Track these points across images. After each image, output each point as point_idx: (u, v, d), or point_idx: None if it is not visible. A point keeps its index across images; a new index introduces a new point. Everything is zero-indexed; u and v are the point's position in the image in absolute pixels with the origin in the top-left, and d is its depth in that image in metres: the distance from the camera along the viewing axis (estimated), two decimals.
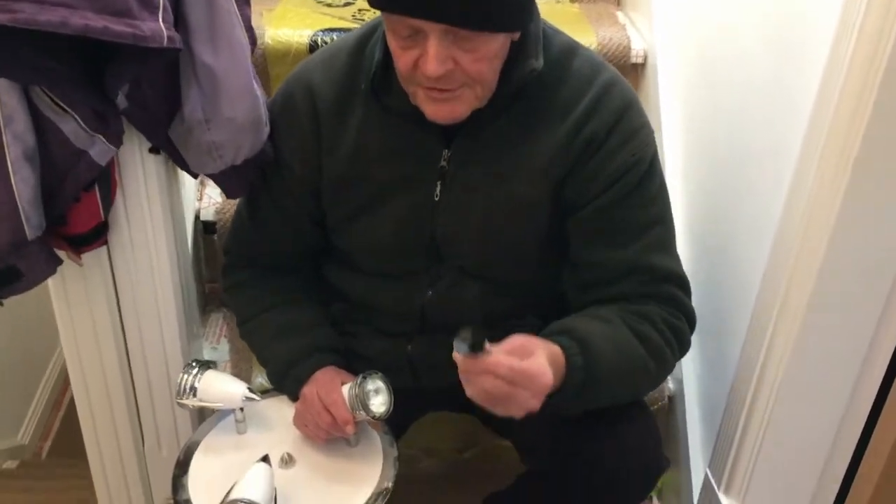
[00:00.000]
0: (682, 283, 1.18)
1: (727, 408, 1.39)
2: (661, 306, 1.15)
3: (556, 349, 1.07)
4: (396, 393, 1.21)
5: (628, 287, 1.16)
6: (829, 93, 1.09)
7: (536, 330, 1.31)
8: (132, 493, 1.61)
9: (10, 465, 2.67)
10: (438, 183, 1.18)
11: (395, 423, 1.31)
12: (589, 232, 1.18)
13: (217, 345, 1.67)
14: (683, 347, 1.18)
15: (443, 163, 1.17)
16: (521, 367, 0.97)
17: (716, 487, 1.42)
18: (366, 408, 1.17)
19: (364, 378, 1.18)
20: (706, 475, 1.46)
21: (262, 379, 1.61)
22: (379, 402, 1.19)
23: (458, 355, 0.97)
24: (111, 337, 1.45)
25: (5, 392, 2.63)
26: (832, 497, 1.41)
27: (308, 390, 1.21)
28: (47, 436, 2.91)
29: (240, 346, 1.65)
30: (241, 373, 1.61)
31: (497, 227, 1.19)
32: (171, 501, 1.59)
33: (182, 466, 1.24)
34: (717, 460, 1.42)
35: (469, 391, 0.99)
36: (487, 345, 0.97)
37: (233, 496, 1.08)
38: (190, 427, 1.56)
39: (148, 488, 1.62)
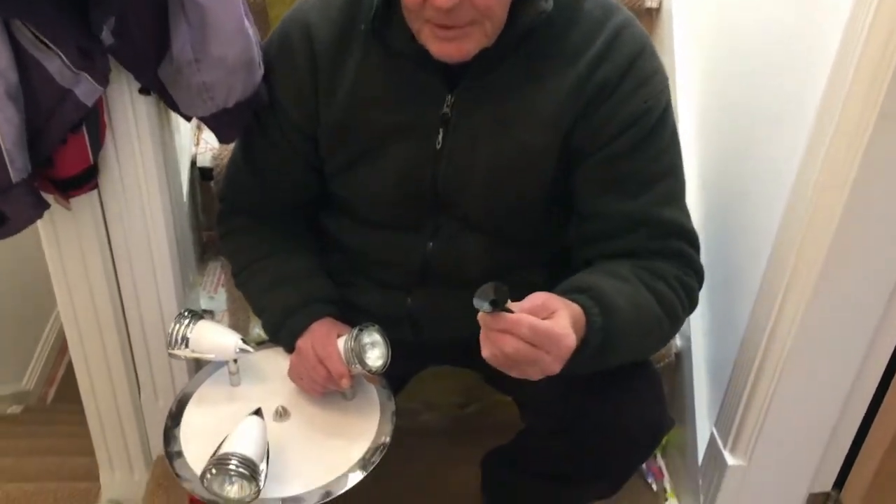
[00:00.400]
0: (692, 239, 1.14)
1: (736, 366, 1.35)
2: (671, 262, 1.11)
3: (577, 309, 1.01)
4: (395, 346, 1.17)
5: (636, 241, 1.11)
6: (853, 39, 1.02)
7: (540, 285, 1.28)
8: (129, 443, 1.59)
9: (15, 410, 2.68)
10: (441, 130, 1.13)
11: (394, 377, 1.28)
12: (596, 182, 1.13)
13: (214, 294, 1.64)
14: (693, 305, 1.13)
15: (445, 108, 1.12)
16: (544, 327, 0.91)
17: (721, 446, 1.39)
18: (362, 361, 1.13)
19: (360, 330, 1.15)
20: (712, 434, 1.42)
21: (259, 330, 1.57)
22: (375, 356, 1.15)
23: (481, 313, 0.91)
24: (104, 285, 1.41)
25: (9, 337, 2.63)
26: (841, 457, 1.38)
27: (303, 343, 1.18)
28: (52, 382, 2.91)
29: (237, 295, 1.61)
30: (238, 323, 1.58)
31: (502, 176, 1.15)
32: None
33: (174, 418, 1.21)
34: (723, 419, 1.39)
35: (486, 352, 0.94)
36: (510, 302, 0.91)
37: (224, 450, 1.05)
38: (187, 378, 1.53)
39: (145, 438, 1.60)
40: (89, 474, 1.81)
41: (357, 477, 1.12)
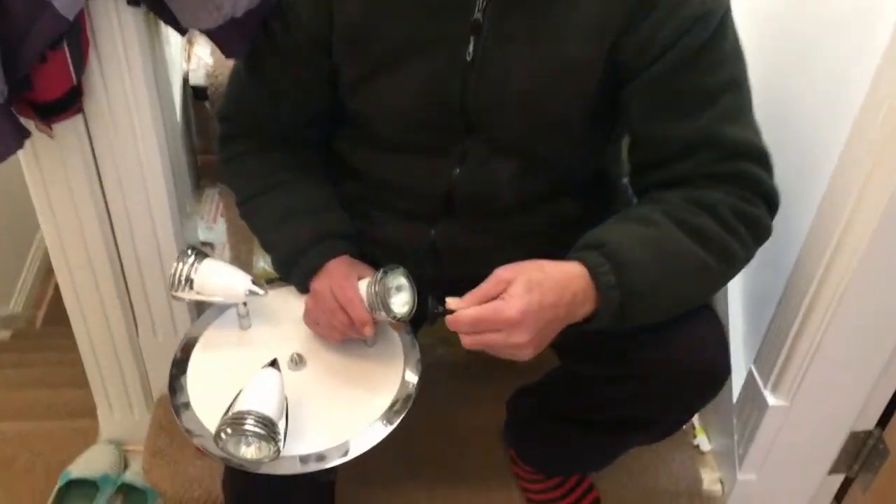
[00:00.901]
0: (761, 158, 1.01)
1: (783, 301, 1.26)
2: (730, 188, 0.99)
3: (579, 271, 0.93)
4: (416, 282, 1.07)
5: (694, 166, 1.00)
6: None
7: (575, 217, 1.17)
8: (128, 382, 1.50)
9: (4, 335, 2.58)
10: (471, 39, 1.00)
11: (414, 315, 1.18)
12: (648, 102, 1.01)
13: (213, 224, 1.52)
14: (760, 235, 1.02)
15: (477, 14, 0.98)
16: (475, 314, 0.91)
17: (761, 386, 1.31)
18: (386, 307, 1.02)
19: (384, 273, 1.04)
20: (750, 372, 1.34)
21: (264, 263, 1.47)
22: (401, 302, 1.04)
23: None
24: (94, 218, 1.29)
25: None
26: (888, 395, 1.31)
27: (320, 285, 1.07)
28: (40, 304, 2.81)
29: (239, 225, 1.50)
30: (240, 256, 1.47)
31: (539, 93, 1.02)
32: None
33: (180, 365, 1.11)
34: (764, 358, 1.30)
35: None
36: (449, 301, 0.95)
37: (238, 407, 0.95)
38: (187, 312, 1.43)
39: (145, 377, 1.51)
40: (85, 408, 1.73)
41: (382, 431, 1.03)
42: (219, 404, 1.03)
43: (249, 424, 0.93)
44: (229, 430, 0.94)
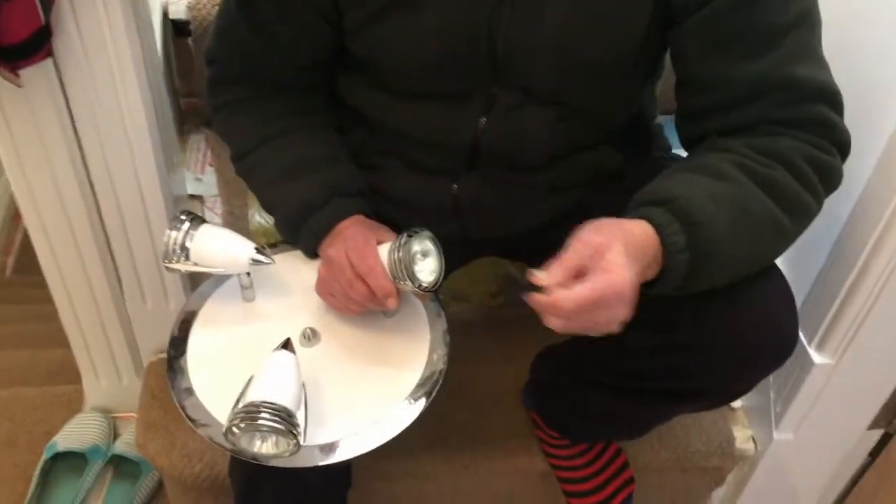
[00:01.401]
0: (834, 99, 0.89)
1: (833, 254, 1.16)
2: (801, 134, 0.87)
3: (647, 230, 0.81)
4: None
5: (760, 110, 0.88)
6: None
7: (613, 169, 1.06)
8: (115, 349, 1.39)
9: None
10: None
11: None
12: (707, 42, 0.88)
13: (201, 175, 1.38)
14: (832, 185, 0.90)
15: None
16: (584, 297, 0.76)
17: (806, 343, 1.22)
18: (411, 276, 0.91)
19: (409, 238, 0.92)
20: None
21: (261, 218, 1.34)
22: (428, 269, 0.93)
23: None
24: (70, 173, 1.16)
25: None
26: None
27: (335, 252, 0.95)
28: (9, 250, 2.65)
29: (230, 176, 1.37)
30: (233, 210, 1.34)
31: (580, 36, 0.90)
32: (162, 358, 1.38)
33: (178, 345, 0.99)
34: (810, 315, 1.21)
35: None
36: (537, 275, 0.79)
37: (251, 398, 0.84)
38: (179, 276, 1.31)
39: (133, 343, 1.39)
40: (67, 371, 1.62)
41: (410, 414, 0.93)
42: (225, 389, 0.92)
43: (265, 418, 0.82)
44: (242, 425, 0.83)
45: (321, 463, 0.89)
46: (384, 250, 0.93)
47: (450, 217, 1.06)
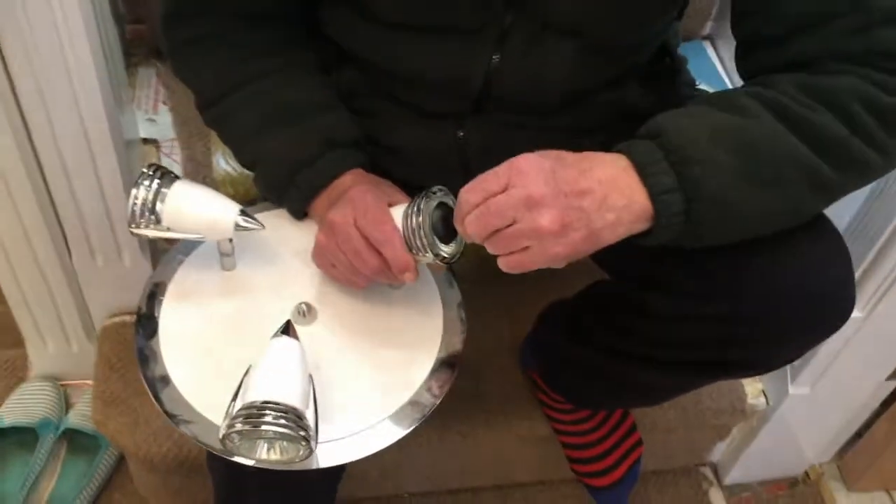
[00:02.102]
0: None
1: (867, 206, 1.06)
2: (870, 71, 0.74)
3: (622, 164, 0.70)
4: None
5: (823, 40, 0.74)
6: None
7: (640, 106, 0.93)
8: (63, 312, 1.23)
9: None
10: None
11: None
12: None
13: (155, 115, 1.20)
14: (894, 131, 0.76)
15: None
16: (475, 197, 0.71)
17: None
18: (431, 246, 0.77)
19: (426, 199, 0.78)
20: None
21: (227, 164, 1.18)
22: (452, 238, 0.79)
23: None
24: (2, 117, 0.98)
25: None
26: None
27: (339, 217, 0.80)
28: None
29: (188, 115, 1.20)
30: (195, 156, 1.17)
31: None
32: (117, 321, 1.23)
33: (146, 324, 0.84)
34: None
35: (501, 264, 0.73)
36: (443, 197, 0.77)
37: (251, 397, 0.70)
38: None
39: (83, 304, 1.23)
40: (7, 330, 1.44)
41: (425, 404, 0.80)
42: (209, 377, 0.80)
43: (270, 422, 0.69)
44: (243, 430, 0.69)
45: (325, 465, 0.77)
46: (397, 214, 0.79)
47: (455, 167, 0.92)
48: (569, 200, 0.69)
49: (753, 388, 1.28)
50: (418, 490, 1.33)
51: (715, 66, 1.45)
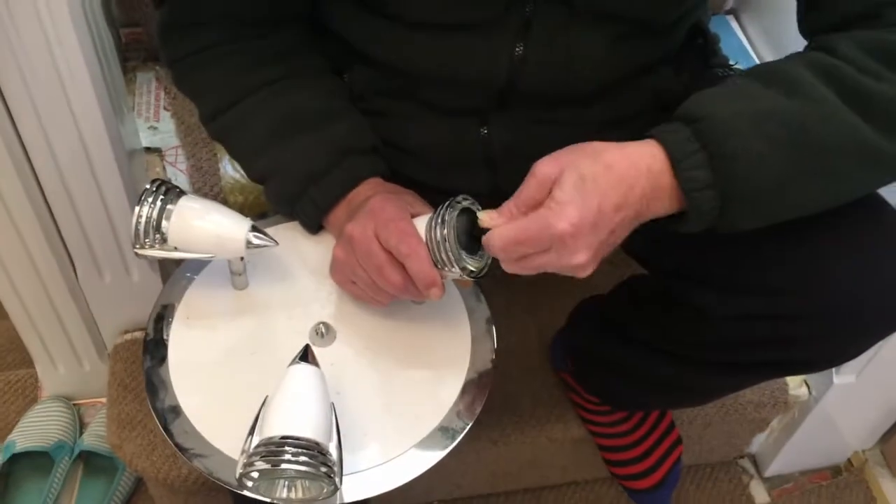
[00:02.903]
0: None
1: None
2: None
3: (639, 158, 0.66)
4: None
5: None
6: None
7: (677, 90, 0.86)
8: (71, 333, 1.19)
9: None
10: None
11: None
12: None
13: (157, 123, 1.15)
14: None
15: None
16: (508, 237, 0.67)
17: None
18: (457, 260, 0.71)
19: (450, 209, 0.72)
20: None
21: (235, 171, 1.12)
22: (477, 248, 0.74)
23: None
24: None
25: None
26: None
27: (359, 230, 0.74)
28: None
29: (192, 121, 1.14)
30: (200, 164, 1.11)
31: None
32: (129, 339, 1.18)
33: (155, 350, 0.79)
34: None
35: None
36: (483, 217, 0.69)
37: (268, 432, 0.65)
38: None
39: (92, 323, 1.18)
40: (16, 348, 1.41)
41: (453, 433, 0.75)
42: (222, 407, 0.75)
43: (291, 460, 0.64)
44: (261, 468, 0.64)
45: (350, 500, 0.71)
46: (420, 226, 0.73)
47: (480, 167, 0.87)
48: (611, 238, 0.66)
49: (795, 379, 1.23)
50: (448, 497, 1.28)
51: (741, 42, 1.38)
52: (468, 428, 0.75)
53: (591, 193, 0.64)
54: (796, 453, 1.32)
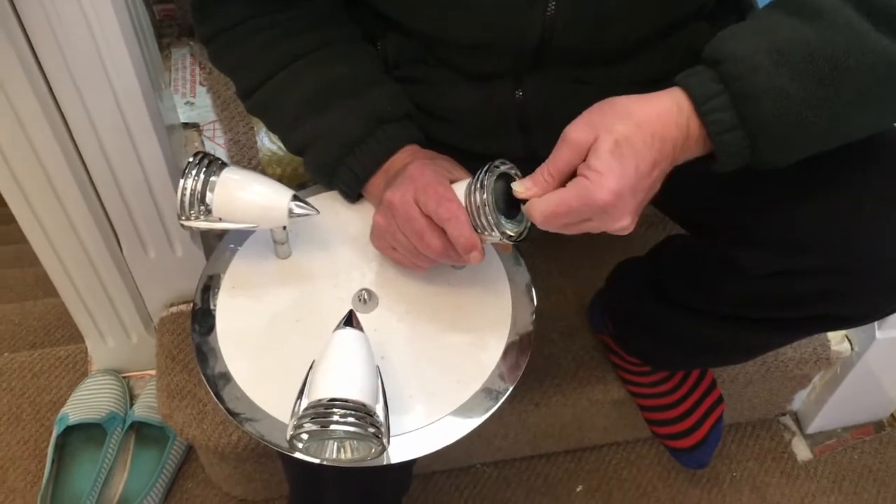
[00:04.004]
0: None
1: None
2: None
3: (670, 106, 0.66)
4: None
5: None
6: None
7: (704, 41, 0.85)
8: (119, 307, 1.21)
9: None
10: None
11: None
12: None
13: (193, 98, 1.16)
14: None
15: None
16: (550, 209, 0.68)
17: None
18: (497, 224, 0.72)
19: (489, 173, 0.72)
20: None
21: (272, 143, 1.14)
22: (518, 214, 0.74)
23: None
24: (36, 110, 0.95)
25: None
26: None
27: (399, 197, 0.75)
28: None
29: (228, 95, 1.15)
30: (238, 138, 1.13)
31: None
32: (175, 312, 1.21)
33: (203, 321, 0.81)
34: None
35: None
36: (517, 187, 0.71)
37: (317, 394, 0.67)
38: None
39: (139, 297, 1.21)
40: (65, 324, 1.45)
41: (500, 392, 0.76)
42: (271, 372, 0.76)
43: (339, 421, 0.65)
44: (311, 430, 0.66)
45: (398, 461, 0.73)
46: (460, 191, 0.74)
47: (514, 130, 0.87)
48: (649, 193, 0.67)
49: (836, 335, 1.22)
50: (491, 460, 1.30)
51: None
52: (511, 390, 0.76)
53: (627, 158, 0.64)
54: (838, 409, 1.32)
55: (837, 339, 1.22)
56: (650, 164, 0.65)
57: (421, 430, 0.74)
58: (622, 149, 0.65)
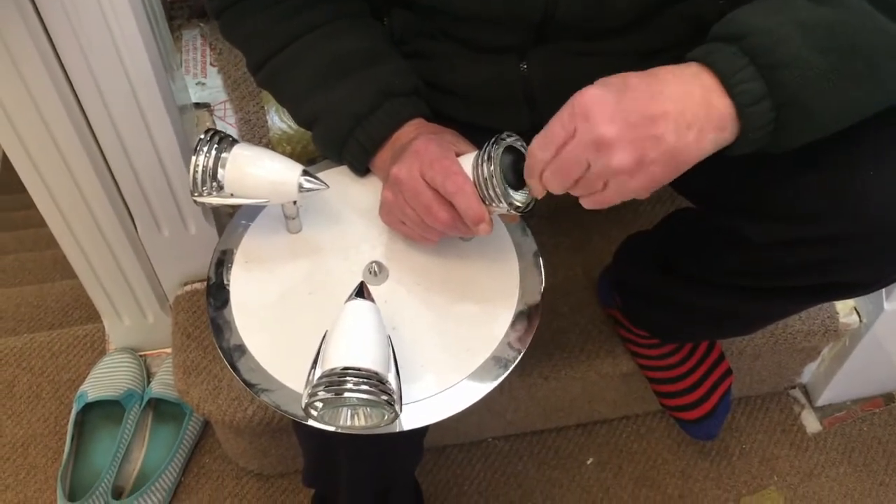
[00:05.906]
0: None
1: None
2: None
3: (703, 77, 0.65)
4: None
5: None
6: None
7: (711, 13, 0.85)
8: (134, 286, 1.23)
9: None
10: None
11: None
12: None
13: (204, 79, 1.18)
14: None
15: None
16: (540, 135, 0.68)
17: None
18: (504, 195, 0.73)
19: (495, 146, 0.74)
20: None
21: (282, 121, 1.15)
22: (525, 185, 0.76)
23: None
24: (49, 89, 0.96)
25: None
26: None
27: (405, 171, 0.76)
28: None
29: (238, 75, 1.17)
30: (248, 117, 1.14)
31: None
32: (189, 290, 1.23)
33: (217, 294, 0.83)
34: None
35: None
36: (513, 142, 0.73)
37: (330, 363, 0.68)
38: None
39: (154, 276, 1.23)
40: (82, 304, 1.47)
41: (508, 360, 0.77)
42: (284, 344, 0.78)
43: (352, 388, 0.67)
44: (325, 398, 0.68)
45: (410, 427, 0.75)
46: (467, 164, 0.75)
47: (520, 103, 0.88)
48: (639, 132, 0.64)
49: (845, 306, 1.23)
50: (502, 434, 1.32)
51: None
52: (520, 357, 0.77)
53: (612, 100, 0.64)
54: (848, 382, 1.33)
55: (846, 311, 1.23)
56: (649, 111, 0.64)
57: (432, 398, 0.75)
58: (619, 95, 0.64)
